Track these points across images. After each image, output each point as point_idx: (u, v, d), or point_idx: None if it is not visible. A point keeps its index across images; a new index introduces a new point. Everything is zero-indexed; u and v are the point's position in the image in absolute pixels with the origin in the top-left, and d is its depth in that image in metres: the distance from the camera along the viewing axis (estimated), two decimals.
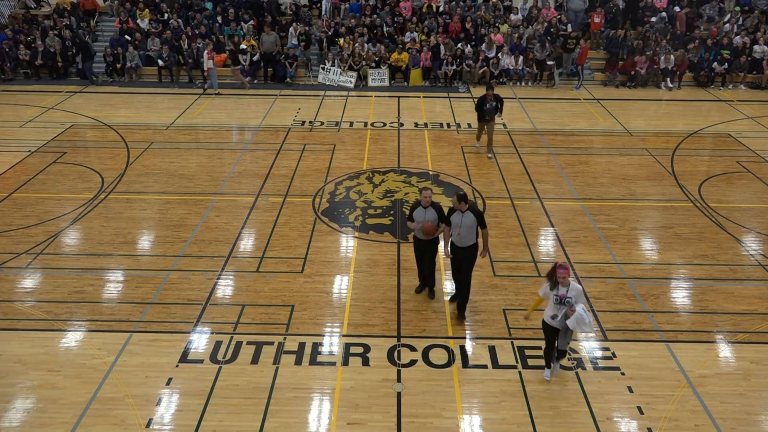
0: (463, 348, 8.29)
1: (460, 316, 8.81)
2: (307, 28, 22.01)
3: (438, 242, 8.91)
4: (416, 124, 17.03)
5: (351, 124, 17.04)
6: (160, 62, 20.60)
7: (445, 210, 8.74)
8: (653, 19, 22.36)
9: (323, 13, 22.98)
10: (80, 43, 20.82)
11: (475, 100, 14.66)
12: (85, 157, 14.56)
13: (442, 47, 21.03)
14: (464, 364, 7.98)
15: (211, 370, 7.85)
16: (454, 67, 20.84)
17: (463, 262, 8.51)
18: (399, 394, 7.48)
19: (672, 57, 20.60)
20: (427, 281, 9.29)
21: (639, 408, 7.31)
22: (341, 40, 21.78)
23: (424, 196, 8.67)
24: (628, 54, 21.05)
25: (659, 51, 20.75)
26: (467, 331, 8.62)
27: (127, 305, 9.11)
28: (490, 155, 14.34)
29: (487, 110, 13.94)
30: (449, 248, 8.60)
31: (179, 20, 22.34)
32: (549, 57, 20.76)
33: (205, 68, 19.53)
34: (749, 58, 20.85)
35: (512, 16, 22.43)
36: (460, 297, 8.80)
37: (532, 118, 17.51)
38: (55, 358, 8.03)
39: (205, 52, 19.30)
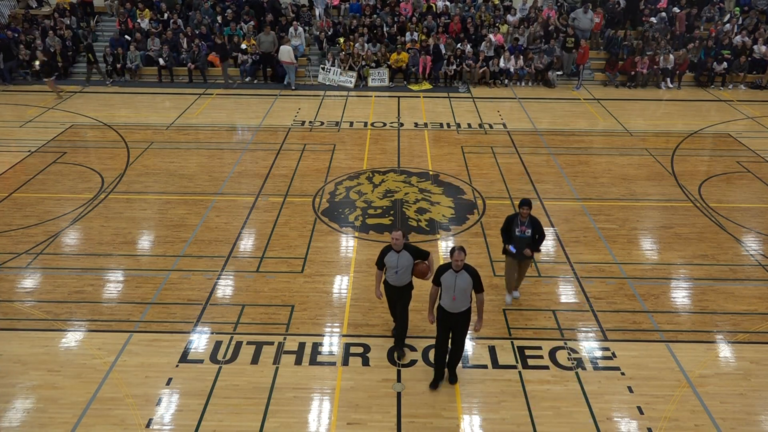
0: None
1: (452, 379, 7.61)
2: (306, 28, 22.04)
3: (412, 288, 7.88)
4: (416, 124, 17.03)
5: (351, 124, 17.04)
6: (161, 61, 20.59)
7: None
8: (653, 19, 22.37)
9: (317, 17, 22.88)
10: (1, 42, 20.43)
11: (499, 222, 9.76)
12: (85, 157, 14.56)
13: (442, 47, 21.03)
14: (464, 364, 7.98)
15: (211, 370, 7.85)
16: (454, 67, 20.84)
17: (455, 329, 7.31)
18: (399, 394, 7.48)
19: (672, 57, 20.60)
20: (397, 329, 8.08)
21: (639, 408, 7.31)
22: (341, 40, 21.79)
23: (393, 238, 7.50)
24: (628, 54, 21.05)
25: (659, 51, 20.76)
26: (467, 331, 8.60)
27: (127, 305, 9.11)
28: (516, 295, 9.34)
29: (518, 239, 8.53)
30: (435, 313, 7.43)
31: (179, 20, 22.33)
32: (550, 65, 20.75)
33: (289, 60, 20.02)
34: (749, 58, 20.85)
35: (509, 17, 22.42)
36: (452, 360, 7.58)
37: (532, 118, 17.51)
38: (55, 358, 8.03)
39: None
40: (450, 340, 7.40)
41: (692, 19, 22.44)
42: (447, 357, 7.52)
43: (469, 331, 7.42)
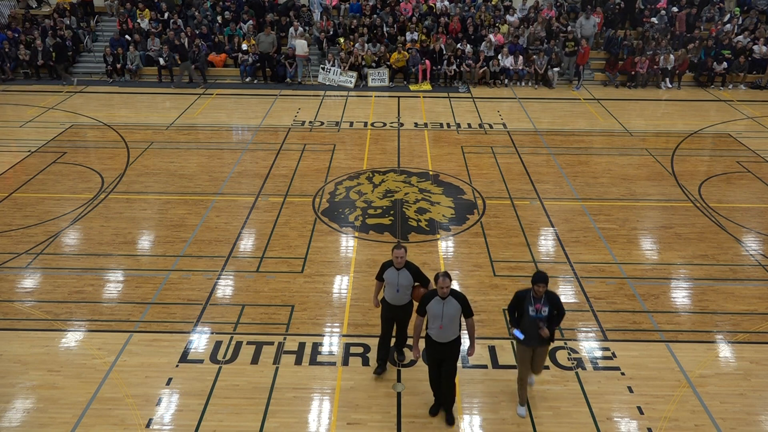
0: (463, 348, 8.25)
1: (449, 421, 7.04)
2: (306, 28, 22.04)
3: (412, 308, 7.41)
4: (416, 124, 17.03)
5: (351, 124, 17.04)
6: (161, 61, 20.60)
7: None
8: (653, 19, 22.37)
9: (315, 20, 22.83)
10: None
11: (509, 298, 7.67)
12: (85, 157, 14.56)
13: (443, 47, 21.02)
14: (464, 364, 7.98)
15: (211, 370, 7.85)
16: (454, 66, 20.84)
17: (444, 361, 6.84)
18: (399, 394, 7.48)
19: (672, 57, 20.61)
20: (398, 340, 7.82)
21: (639, 408, 7.31)
22: (341, 40, 21.79)
23: (396, 256, 7.09)
24: (628, 54, 21.05)
25: (659, 51, 20.76)
26: (467, 332, 8.60)
27: (127, 305, 9.11)
28: (531, 381, 7.66)
29: (531, 321, 6.83)
30: (420, 348, 7.07)
31: (179, 20, 22.34)
32: (550, 65, 20.72)
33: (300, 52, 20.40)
34: (749, 58, 20.85)
35: (509, 18, 22.42)
36: (445, 400, 7.09)
37: (532, 118, 17.51)
38: (55, 358, 8.03)
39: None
40: (441, 376, 6.91)
41: (692, 19, 22.44)
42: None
43: (460, 357, 6.94)
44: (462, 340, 6.96)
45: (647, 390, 7.58)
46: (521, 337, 6.86)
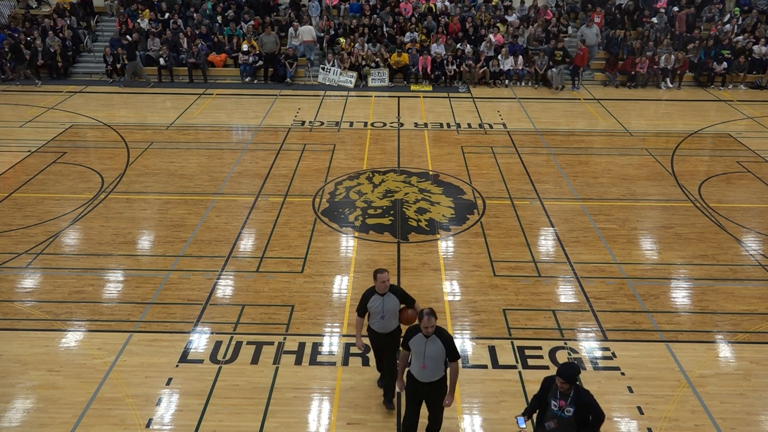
0: (463, 348, 8.28)
1: None
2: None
3: (400, 334, 6.95)
4: (416, 124, 17.03)
5: (351, 124, 17.04)
6: (161, 61, 20.60)
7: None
8: (654, 19, 22.37)
9: (314, 23, 22.80)
10: None
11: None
12: (85, 157, 14.56)
13: (442, 47, 21.02)
14: (464, 364, 7.97)
15: (211, 370, 7.85)
16: (454, 67, 20.84)
17: (428, 400, 6.44)
18: (399, 394, 7.47)
19: (672, 57, 20.60)
20: (386, 379, 7.25)
21: (639, 408, 7.31)
22: (341, 40, 21.79)
23: (380, 281, 6.67)
24: (628, 54, 21.05)
25: (659, 51, 20.76)
26: (467, 331, 8.62)
27: (127, 305, 9.11)
28: None
29: (552, 416, 5.80)
30: (405, 380, 6.58)
31: (179, 20, 22.34)
32: (550, 65, 20.72)
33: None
34: (749, 58, 20.85)
35: (508, 18, 22.41)
36: (431, 427, 6.68)
37: (532, 118, 17.51)
38: (55, 358, 8.03)
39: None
40: (428, 411, 6.52)
41: (692, 19, 22.44)
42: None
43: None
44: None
45: (647, 390, 7.57)
46: (522, 425, 5.84)
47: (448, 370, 6.32)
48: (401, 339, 6.54)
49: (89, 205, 12.16)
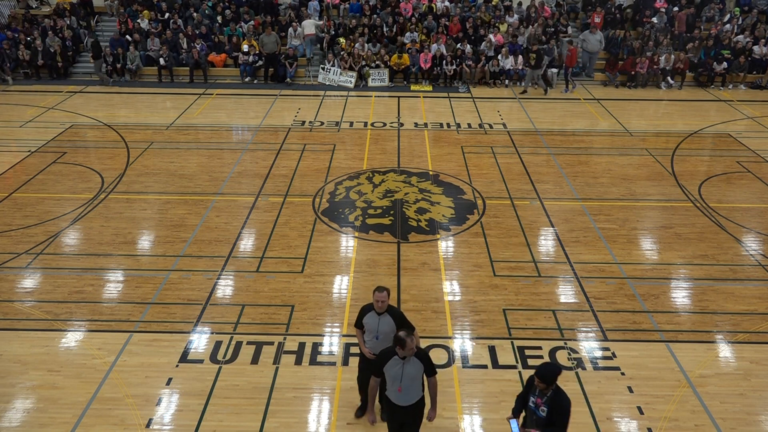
0: (463, 348, 8.29)
1: None
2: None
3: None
4: (416, 124, 17.03)
5: (351, 124, 17.04)
6: (161, 61, 20.60)
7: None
8: (654, 19, 22.37)
9: (314, 21, 22.84)
10: None
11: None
12: (85, 157, 14.56)
13: (442, 47, 21.02)
14: (464, 364, 7.98)
15: (211, 370, 7.85)
16: (454, 67, 20.85)
17: (404, 425, 6.16)
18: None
19: (672, 57, 20.60)
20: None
21: (639, 408, 7.31)
22: (342, 40, 21.79)
23: (377, 299, 6.32)
24: (628, 54, 21.05)
25: (659, 51, 20.75)
26: (467, 331, 8.62)
27: (127, 305, 9.11)
28: None
29: (530, 413, 5.88)
30: (375, 412, 6.37)
31: (179, 20, 22.34)
32: (551, 65, 20.71)
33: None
34: (749, 58, 20.85)
35: (508, 18, 22.41)
36: None
37: (532, 118, 17.51)
38: (55, 358, 8.03)
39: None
40: None
41: (692, 19, 22.44)
42: None
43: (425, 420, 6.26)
44: (426, 401, 6.18)
45: (647, 390, 7.57)
46: (516, 429, 5.85)
47: (426, 388, 6.09)
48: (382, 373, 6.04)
49: (89, 205, 12.16)
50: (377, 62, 20.95)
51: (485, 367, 7.96)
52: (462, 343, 8.38)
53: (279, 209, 12.03)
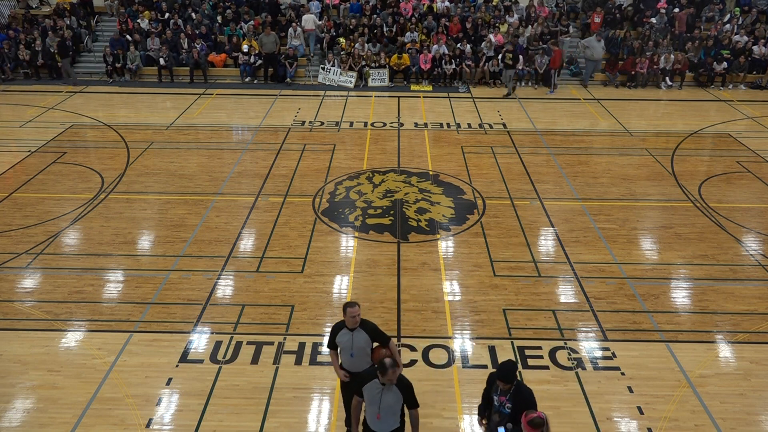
0: (463, 348, 8.29)
1: None
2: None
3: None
4: (416, 124, 17.03)
5: (351, 124, 17.04)
6: (162, 61, 20.61)
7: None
8: (653, 19, 22.37)
9: (314, 20, 22.84)
10: None
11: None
12: (85, 157, 14.56)
13: (444, 48, 21.02)
14: (464, 364, 7.98)
15: (211, 370, 7.85)
16: (454, 66, 20.84)
17: None
18: None
19: (672, 57, 20.60)
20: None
21: (639, 408, 7.31)
22: (342, 40, 21.79)
23: (349, 315, 6.11)
24: (628, 54, 21.05)
25: (659, 51, 20.75)
26: (467, 331, 8.62)
27: (127, 305, 9.11)
28: None
29: (498, 413, 5.89)
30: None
31: (179, 20, 22.33)
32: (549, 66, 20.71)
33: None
34: (749, 58, 20.85)
35: (508, 18, 22.41)
36: None
37: (532, 118, 17.51)
38: (55, 358, 8.03)
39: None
40: None
41: (692, 19, 22.43)
42: None
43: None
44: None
45: (647, 390, 7.58)
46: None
47: (408, 420, 5.85)
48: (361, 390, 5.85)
49: (89, 205, 12.16)
50: (377, 60, 20.92)
51: (485, 367, 7.95)
52: (462, 343, 8.38)
53: (279, 209, 12.03)
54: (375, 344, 6.31)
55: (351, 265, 10.21)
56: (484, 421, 5.89)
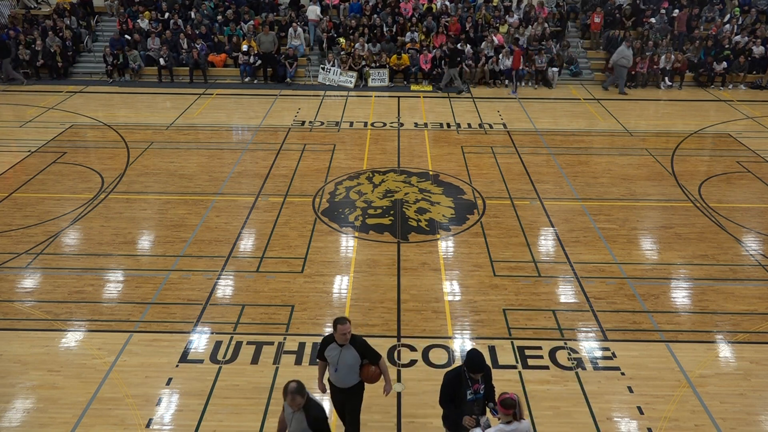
0: (463, 348, 8.28)
1: None
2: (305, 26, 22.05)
3: (363, 389, 6.52)
4: (416, 124, 17.03)
5: (351, 124, 17.04)
6: (162, 61, 20.61)
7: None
8: (653, 19, 22.37)
9: (317, 11, 22.84)
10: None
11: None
12: (85, 157, 14.56)
13: (445, 49, 21.02)
14: None
15: (211, 370, 7.85)
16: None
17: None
18: (399, 394, 7.48)
19: (672, 57, 20.60)
20: None
21: (639, 408, 7.31)
22: (342, 40, 21.79)
23: (340, 333, 6.06)
24: None
25: (659, 51, 20.75)
26: (467, 331, 8.62)
27: (127, 305, 9.11)
28: None
29: (467, 405, 5.97)
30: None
31: (180, 20, 22.33)
32: (551, 64, 20.69)
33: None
34: (749, 58, 20.85)
35: (509, 18, 22.41)
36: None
37: (532, 118, 17.51)
38: (55, 358, 8.03)
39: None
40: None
41: (692, 19, 22.44)
42: None
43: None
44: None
45: (647, 390, 7.58)
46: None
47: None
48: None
49: (89, 205, 12.16)
50: (377, 60, 20.91)
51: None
52: (462, 343, 8.38)
53: (279, 209, 12.03)
54: (365, 361, 6.27)
55: (351, 265, 10.21)
56: (473, 416, 5.87)
